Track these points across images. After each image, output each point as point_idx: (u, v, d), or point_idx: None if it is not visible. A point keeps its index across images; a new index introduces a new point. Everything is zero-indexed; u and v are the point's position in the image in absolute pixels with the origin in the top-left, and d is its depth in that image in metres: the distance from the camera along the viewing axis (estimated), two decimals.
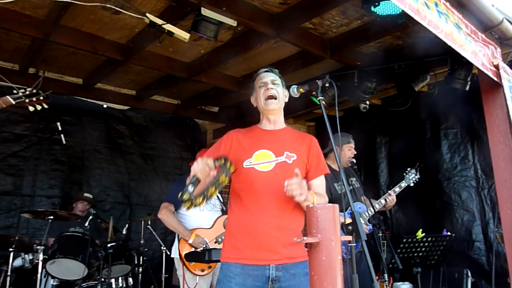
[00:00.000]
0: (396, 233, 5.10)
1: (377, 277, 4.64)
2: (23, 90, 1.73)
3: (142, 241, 4.39)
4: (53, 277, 3.56)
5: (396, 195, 3.39)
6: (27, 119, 4.57)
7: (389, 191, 3.47)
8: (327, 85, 1.96)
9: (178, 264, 3.29)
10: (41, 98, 1.80)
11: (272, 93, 1.96)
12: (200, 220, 3.36)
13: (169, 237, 4.83)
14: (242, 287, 1.79)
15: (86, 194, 4.53)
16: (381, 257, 2.89)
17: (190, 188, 1.63)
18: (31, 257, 3.68)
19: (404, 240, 2.86)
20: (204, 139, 6.03)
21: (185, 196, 1.61)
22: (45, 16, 3.20)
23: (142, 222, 4.47)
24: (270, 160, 1.90)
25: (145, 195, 5.35)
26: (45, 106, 1.81)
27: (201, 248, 3.06)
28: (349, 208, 3.45)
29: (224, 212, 3.55)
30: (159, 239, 4.25)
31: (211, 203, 3.48)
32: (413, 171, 3.61)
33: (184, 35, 2.87)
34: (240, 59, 3.81)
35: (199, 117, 5.84)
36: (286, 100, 2.08)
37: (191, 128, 5.99)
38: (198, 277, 3.18)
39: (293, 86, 2.00)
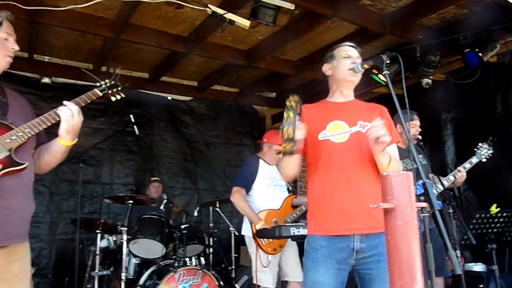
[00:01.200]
0: (466, 212, 4.90)
1: (447, 258, 4.52)
2: (104, 83, 1.93)
3: (211, 224, 4.65)
4: (135, 256, 3.91)
5: (465, 172, 3.28)
6: (102, 114, 4.98)
7: (458, 168, 3.36)
8: (387, 61, 1.96)
9: (250, 242, 3.44)
10: (119, 89, 1.97)
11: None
12: (268, 201, 3.45)
13: (235, 219, 5.06)
14: (329, 258, 1.87)
15: (152, 178, 4.89)
16: (453, 234, 2.83)
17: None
18: (114, 238, 4.06)
19: (477, 215, 2.77)
20: (263, 125, 6.16)
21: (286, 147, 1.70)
22: (115, 17, 3.47)
23: (210, 205, 4.71)
24: (345, 130, 1.95)
25: (210, 181, 5.63)
26: (123, 96, 2.00)
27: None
28: (420, 181, 3.41)
29: (291, 192, 3.64)
30: (227, 221, 4.46)
31: (278, 184, 3.59)
32: (486, 146, 3.45)
33: (244, 22, 2.97)
34: (297, 42, 3.85)
35: (257, 103, 5.98)
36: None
37: (250, 115, 6.14)
38: (270, 255, 3.32)
39: (357, 63, 2.03)
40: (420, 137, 3.29)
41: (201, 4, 2.95)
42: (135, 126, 4.02)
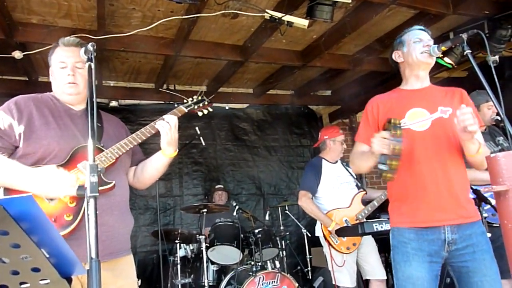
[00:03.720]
0: None
1: None
2: (191, 99, 2.03)
3: (281, 227, 4.67)
4: (213, 263, 4.02)
5: None
6: None
7: None
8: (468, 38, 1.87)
9: (324, 243, 3.44)
10: (206, 103, 2.08)
11: (429, 50, 1.93)
12: (336, 200, 3.45)
13: (302, 220, 5.05)
14: (419, 251, 1.81)
15: (217, 186, 4.99)
16: None
17: (384, 166, 1.73)
18: (191, 247, 4.20)
19: None
20: (320, 124, 6.10)
21: (389, 175, 1.73)
22: (175, 35, 3.62)
23: (279, 208, 4.74)
24: (425, 118, 1.89)
25: (274, 184, 5.66)
26: (210, 110, 2.11)
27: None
28: None
29: (359, 188, 3.58)
30: (298, 223, 4.46)
31: (345, 182, 3.54)
32: None
33: (303, 22, 2.98)
34: (353, 35, 3.77)
35: (313, 103, 5.94)
36: None
37: (307, 115, 6.12)
38: (345, 254, 3.29)
39: (432, 46, 1.95)
40: (499, 118, 3.09)
41: (258, 10, 3.00)
42: (201, 138, 4.16)
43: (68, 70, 1.73)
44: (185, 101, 2.03)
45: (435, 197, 1.82)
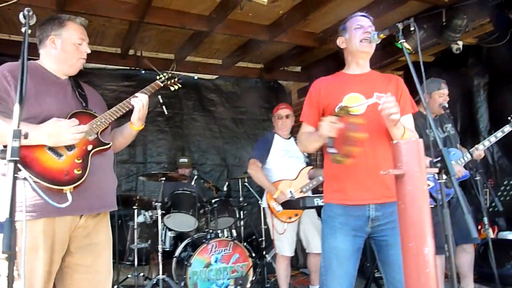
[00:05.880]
0: (500, 180, 4.78)
1: (479, 227, 4.47)
2: (164, 75, 2.22)
3: (241, 198, 4.80)
4: (169, 229, 4.14)
5: (501, 140, 3.21)
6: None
7: (489, 137, 3.29)
8: (412, 28, 1.94)
9: (267, 213, 3.58)
10: (176, 79, 2.28)
11: (369, 36, 1.99)
12: (284, 172, 3.54)
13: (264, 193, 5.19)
14: (345, 226, 1.95)
15: (181, 160, 5.00)
16: (480, 202, 2.82)
17: (333, 150, 1.80)
18: (150, 214, 4.29)
19: (505, 182, 2.74)
20: (289, 100, 6.17)
21: (338, 159, 1.79)
22: (138, 1, 3.56)
23: (239, 180, 4.85)
24: (361, 103, 1.98)
25: (239, 157, 5.75)
26: (180, 86, 2.32)
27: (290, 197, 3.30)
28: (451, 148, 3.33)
29: (308, 164, 3.69)
30: (256, 195, 4.59)
31: (294, 156, 3.64)
32: None
33: None
34: (318, 14, 3.81)
35: (282, 78, 5.98)
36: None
37: (276, 90, 6.16)
38: (286, 223, 3.41)
39: (373, 33, 2.02)
40: (447, 105, 3.23)
41: None
42: (164, 107, 4.15)
43: (85, 47, 1.91)
44: (158, 76, 2.20)
45: (363, 178, 1.94)
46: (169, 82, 2.25)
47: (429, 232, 1.29)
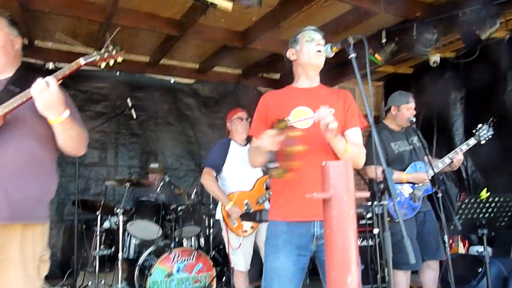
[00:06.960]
0: (474, 194, 4.77)
1: (451, 241, 4.44)
2: (96, 53, 1.81)
3: (211, 206, 4.70)
4: (133, 236, 4.04)
5: (473, 154, 3.18)
6: (105, 98, 5.06)
7: (455, 149, 3.27)
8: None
9: (222, 225, 3.38)
10: (114, 52, 1.83)
11: (321, 49, 1.98)
12: (240, 182, 3.35)
13: None
14: (288, 244, 1.87)
15: (151, 165, 4.81)
16: (441, 219, 2.77)
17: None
18: (115, 220, 4.18)
19: (466, 200, 2.69)
20: None
21: (277, 173, 1.74)
22: (105, 1, 3.47)
23: None
24: (308, 116, 1.93)
25: None
26: (121, 58, 1.87)
27: (236, 216, 3.17)
28: (413, 164, 3.32)
29: (265, 173, 3.57)
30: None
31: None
32: (485, 127, 3.33)
33: (226, 5, 2.92)
34: (292, 22, 3.75)
35: (260, 84, 5.90)
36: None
37: (255, 97, 6.09)
38: (241, 237, 3.25)
39: (326, 45, 1.98)
40: (414, 119, 3.20)
41: None
42: (132, 110, 4.06)
43: None
44: (92, 53, 1.80)
45: (306, 193, 1.87)
46: (98, 58, 1.79)
47: (353, 260, 1.22)
